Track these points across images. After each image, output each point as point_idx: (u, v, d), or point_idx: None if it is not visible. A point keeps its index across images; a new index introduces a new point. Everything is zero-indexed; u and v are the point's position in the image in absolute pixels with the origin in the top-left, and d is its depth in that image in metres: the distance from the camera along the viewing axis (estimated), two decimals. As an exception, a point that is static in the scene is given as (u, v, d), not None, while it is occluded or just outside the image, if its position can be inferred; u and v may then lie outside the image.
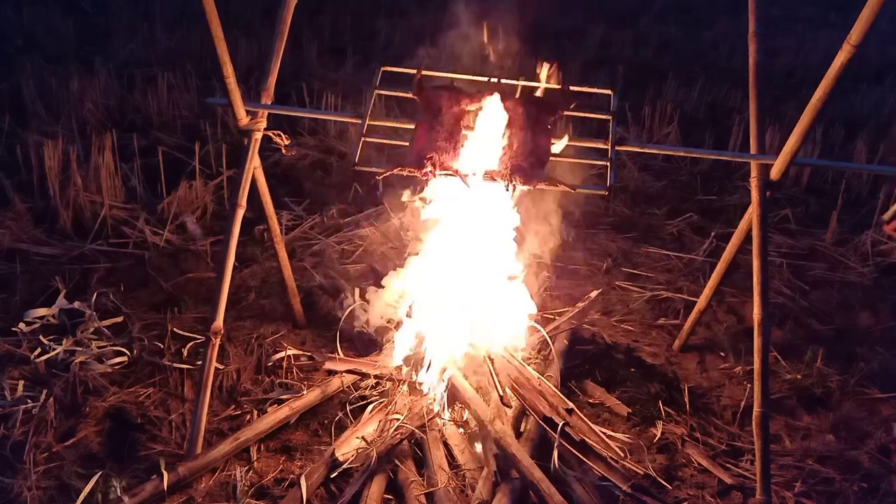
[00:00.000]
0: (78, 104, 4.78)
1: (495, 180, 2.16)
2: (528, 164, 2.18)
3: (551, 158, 2.27)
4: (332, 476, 2.32)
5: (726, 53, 7.41)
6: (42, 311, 2.99)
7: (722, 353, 3.15)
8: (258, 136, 2.46)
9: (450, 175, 2.18)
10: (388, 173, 2.20)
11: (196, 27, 6.29)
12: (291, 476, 2.35)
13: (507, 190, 2.20)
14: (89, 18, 6.73)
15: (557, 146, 2.32)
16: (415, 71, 2.39)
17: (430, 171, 2.16)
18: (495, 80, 2.40)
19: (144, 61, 5.76)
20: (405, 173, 2.20)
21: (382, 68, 2.47)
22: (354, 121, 2.40)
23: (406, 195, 3.14)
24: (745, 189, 4.58)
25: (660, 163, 4.99)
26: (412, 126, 2.33)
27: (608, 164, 2.24)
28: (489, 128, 2.29)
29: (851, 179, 4.80)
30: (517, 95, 2.40)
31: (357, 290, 3.14)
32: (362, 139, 2.29)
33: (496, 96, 2.32)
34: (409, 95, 2.38)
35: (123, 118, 4.89)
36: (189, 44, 6.10)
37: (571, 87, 2.39)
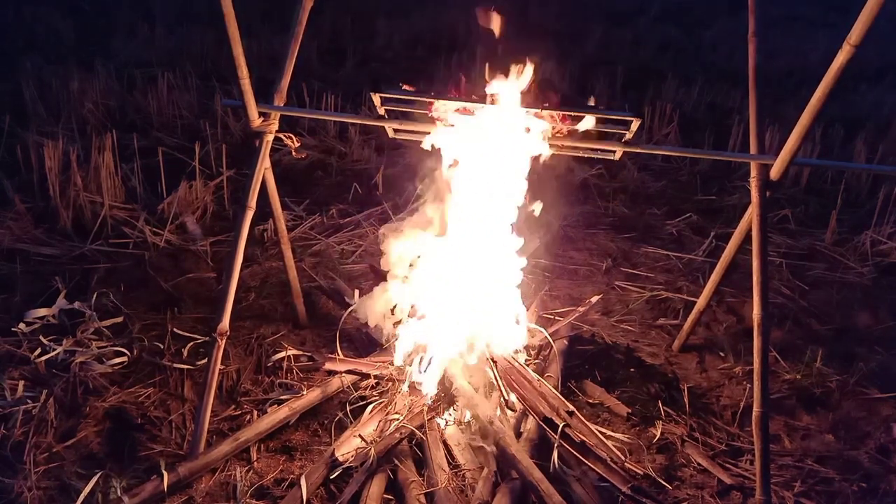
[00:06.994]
0: (78, 104, 4.78)
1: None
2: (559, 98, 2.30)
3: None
4: (332, 476, 2.32)
5: (726, 54, 7.42)
6: (42, 312, 2.99)
7: (721, 353, 3.15)
8: (269, 137, 2.45)
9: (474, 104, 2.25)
10: (417, 98, 2.27)
11: (196, 27, 6.29)
12: (291, 476, 2.35)
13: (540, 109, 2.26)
14: (89, 18, 6.74)
15: (583, 124, 2.31)
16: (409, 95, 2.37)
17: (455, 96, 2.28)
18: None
19: (144, 61, 5.77)
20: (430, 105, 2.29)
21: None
22: (376, 124, 2.39)
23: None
24: (744, 189, 4.58)
25: (659, 163, 5.00)
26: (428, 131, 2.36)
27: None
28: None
29: (851, 179, 4.81)
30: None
31: (357, 291, 3.14)
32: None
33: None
34: (415, 111, 2.38)
35: (123, 118, 4.90)
36: (189, 44, 6.10)
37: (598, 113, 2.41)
